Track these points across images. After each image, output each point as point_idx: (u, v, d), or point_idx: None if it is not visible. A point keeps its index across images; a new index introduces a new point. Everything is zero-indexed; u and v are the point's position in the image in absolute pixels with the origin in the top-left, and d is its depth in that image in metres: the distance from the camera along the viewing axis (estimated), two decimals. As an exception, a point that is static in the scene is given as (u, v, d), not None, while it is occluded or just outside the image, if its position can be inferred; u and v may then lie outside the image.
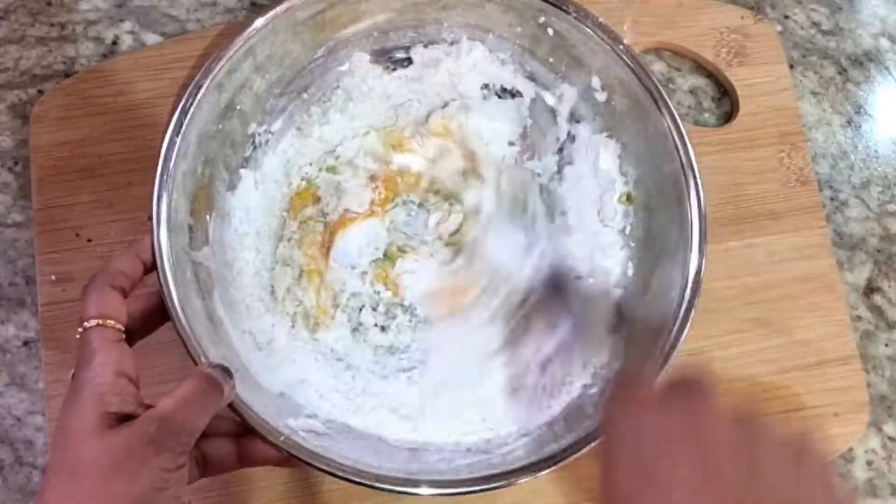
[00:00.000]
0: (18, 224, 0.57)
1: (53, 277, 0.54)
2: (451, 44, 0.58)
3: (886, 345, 0.61)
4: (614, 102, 0.56)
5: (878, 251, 0.63)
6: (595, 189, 0.57)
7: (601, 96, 0.56)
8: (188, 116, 0.48)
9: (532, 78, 0.59)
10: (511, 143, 0.59)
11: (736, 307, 0.58)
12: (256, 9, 0.63)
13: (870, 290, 0.62)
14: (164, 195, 0.47)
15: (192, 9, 0.63)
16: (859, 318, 0.61)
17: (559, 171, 0.58)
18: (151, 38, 0.61)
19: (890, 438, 0.59)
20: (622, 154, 0.56)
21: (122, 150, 0.56)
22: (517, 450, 0.49)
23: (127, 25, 0.61)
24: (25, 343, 0.54)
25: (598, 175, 0.57)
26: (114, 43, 0.61)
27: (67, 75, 0.60)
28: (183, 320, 0.44)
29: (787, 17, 0.69)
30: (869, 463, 0.58)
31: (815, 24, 0.69)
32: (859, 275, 0.62)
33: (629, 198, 0.56)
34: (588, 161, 0.57)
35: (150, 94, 0.57)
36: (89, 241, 0.55)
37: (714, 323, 0.57)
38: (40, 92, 0.59)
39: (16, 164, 0.58)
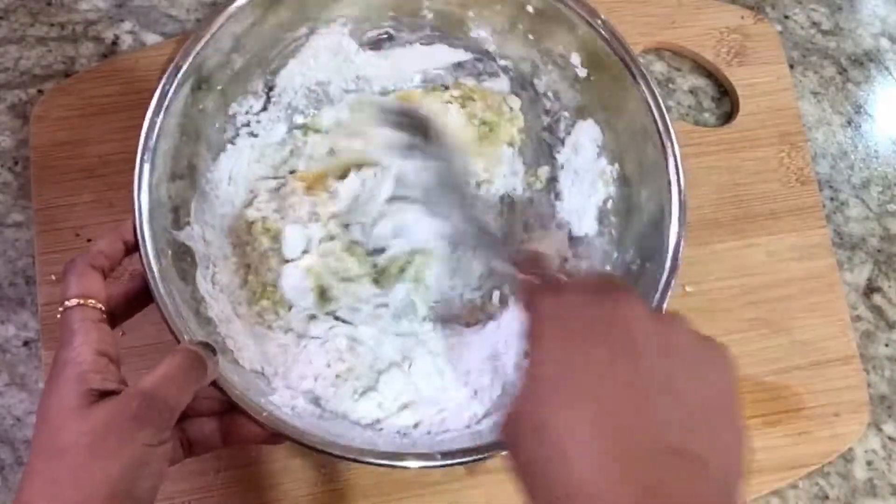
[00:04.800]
0: (18, 224, 0.57)
1: (53, 277, 0.54)
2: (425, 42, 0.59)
3: (886, 345, 0.61)
4: (594, 78, 0.56)
5: (878, 251, 0.63)
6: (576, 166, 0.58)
7: (582, 72, 0.56)
8: (168, 97, 0.48)
9: (509, 56, 0.59)
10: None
11: (736, 307, 0.58)
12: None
13: (870, 290, 0.62)
14: (146, 175, 0.47)
15: (192, 9, 0.63)
16: (859, 318, 0.61)
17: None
18: (151, 38, 0.61)
19: (890, 438, 0.59)
20: (603, 130, 0.57)
21: (122, 150, 0.56)
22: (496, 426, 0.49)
23: (127, 25, 0.62)
24: (25, 343, 0.54)
25: (579, 152, 0.57)
26: (114, 43, 0.61)
27: (67, 75, 0.60)
28: (165, 300, 0.44)
29: (787, 17, 0.69)
30: (869, 463, 0.58)
31: (815, 24, 0.69)
32: (859, 275, 0.62)
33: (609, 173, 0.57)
34: (569, 140, 0.58)
35: (149, 94, 0.57)
36: (89, 241, 0.55)
37: (714, 323, 0.57)
38: (40, 92, 0.59)
39: (16, 164, 0.58)
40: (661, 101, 0.52)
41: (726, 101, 0.65)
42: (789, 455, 0.55)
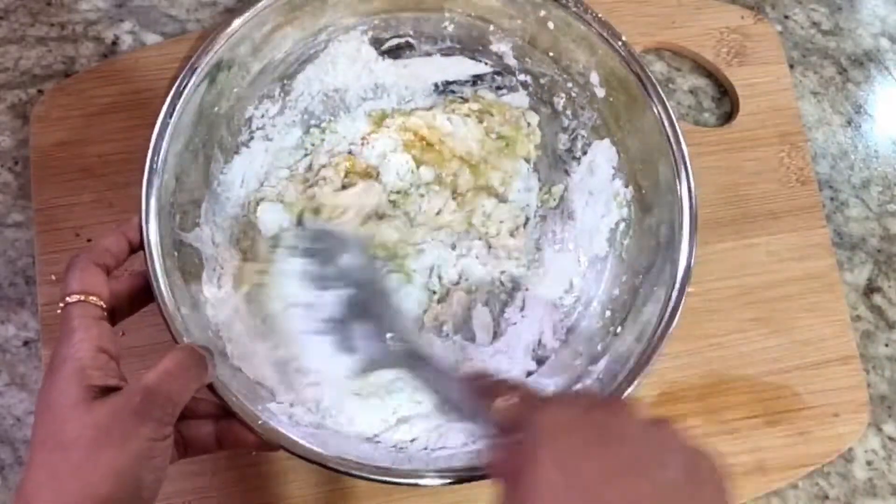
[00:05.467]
0: (18, 224, 0.57)
1: (53, 277, 0.54)
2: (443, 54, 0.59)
3: (886, 345, 0.61)
4: (612, 99, 0.56)
5: (878, 251, 0.63)
6: (591, 186, 0.58)
7: (600, 92, 0.56)
8: (182, 98, 0.48)
9: (529, 72, 0.59)
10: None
11: (736, 307, 0.58)
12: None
13: (870, 290, 0.62)
14: (155, 176, 0.46)
15: (192, 9, 0.63)
16: (859, 318, 0.61)
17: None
18: (151, 38, 0.61)
19: (890, 438, 0.59)
20: (619, 152, 0.56)
21: (122, 150, 0.56)
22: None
23: (127, 25, 0.62)
24: (25, 343, 0.54)
25: (594, 172, 0.57)
26: (114, 43, 0.61)
27: (67, 75, 0.60)
28: (168, 301, 0.44)
29: (787, 17, 0.69)
30: (869, 463, 0.58)
31: (815, 24, 0.69)
32: (859, 275, 0.62)
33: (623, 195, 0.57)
34: (585, 159, 0.58)
35: (150, 94, 0.58)
36: (89, 240, 0.55)
37: (714, 323, 0.57)
38: (40, 92, 0.59)
39: (16, 164, 0.58)
40: (677, 125, 0.52)
41: (726, 101, 0.65)
42: (789, 455, 0.55)
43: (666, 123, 0.52)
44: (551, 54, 0.57)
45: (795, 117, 0.64)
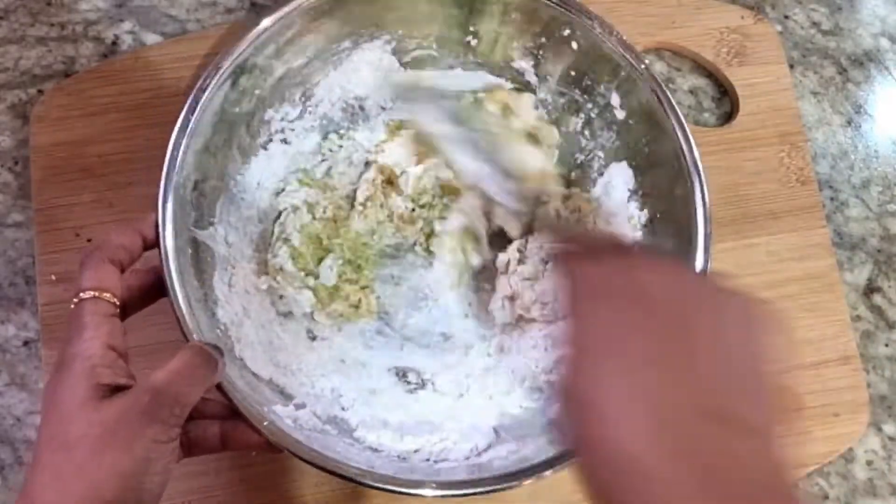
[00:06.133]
0: (18, 224, 0.57)
1: (53, 277, 0.54)
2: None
3: (886, 345, 0.61)
4: (632, 122, 0.55)
5: (878, 251, 0.63)
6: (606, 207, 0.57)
7: (620, 114, 0.55)
8: (204, 95, 0.48)
9: (549, 90, 0.59)
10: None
11: (736, 307, 0.58)
12: (256, 9, 0.63)
13: (870, 290, 0.62)
14: (175, 172, 0.46)
15: (192, 9, 0.63)
16: (859, 318, 0.61)
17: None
18: (151, 38, 0.61)
19: (890, 438, 0.59)
20: (635, 174, 0.56)
21: (122, 150, 0.56)
22: (511, 454, 0.49)
23: (127, 25, 0.61)
24: (25, 343, 0.54)
25: (610, 193, 0.57)
26: (114, 43, 0.61)
27: (67, 75, 0.60)
28: (180, 299, 0.44)
29: (787, 17, 0.69)
30: (869, 463, 0.58)
31: (815, 24, 0.69)
32: (859, 275, 0.63)
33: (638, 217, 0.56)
34: (601, 180, 0.58)
35: (150, 94, 0.58)
36: (89, 240, 0.55)
37: (714, 323, 0.57)
38: (40, 92, 0.59)
39: (16, 164, 0.58)
40: (696, 151, 0.51)
41: (726, 101, 0.65)
42: (789, 455, 0.55)
43: (685, 148, 0.51)
44: (573, 74, 0.57)
45: (795, 117, 0.64)
